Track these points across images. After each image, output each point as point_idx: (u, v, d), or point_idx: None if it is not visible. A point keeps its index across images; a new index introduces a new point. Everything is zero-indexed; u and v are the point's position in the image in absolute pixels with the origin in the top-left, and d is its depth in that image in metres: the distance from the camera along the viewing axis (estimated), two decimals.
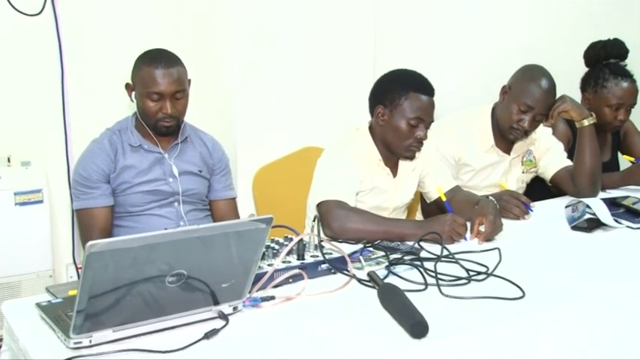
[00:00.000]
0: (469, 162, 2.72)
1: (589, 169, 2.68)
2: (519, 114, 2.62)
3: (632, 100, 2.99)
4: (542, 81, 2.61)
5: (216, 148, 2.47)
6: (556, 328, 1.59)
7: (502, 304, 1.71)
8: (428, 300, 1.69)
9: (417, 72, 2.37)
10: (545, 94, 2.60)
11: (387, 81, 2.37)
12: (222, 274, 1.53)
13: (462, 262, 1.96)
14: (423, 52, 3.16)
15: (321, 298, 1.73)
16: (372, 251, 2.03)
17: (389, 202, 2.46)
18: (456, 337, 1.52)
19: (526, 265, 1.98)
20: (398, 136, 2.30)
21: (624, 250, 2.18)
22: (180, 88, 2.25)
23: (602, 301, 1.74)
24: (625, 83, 2.96)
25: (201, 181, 2.41)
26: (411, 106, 2.26)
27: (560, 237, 2.28)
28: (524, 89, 2.62)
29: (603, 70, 3.01)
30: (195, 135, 2.44)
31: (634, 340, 1.52)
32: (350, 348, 1.48)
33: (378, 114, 2.33)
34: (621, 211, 2.49)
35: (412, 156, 2.38)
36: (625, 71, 3.00)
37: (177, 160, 2.35)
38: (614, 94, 2.95)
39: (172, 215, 2.35)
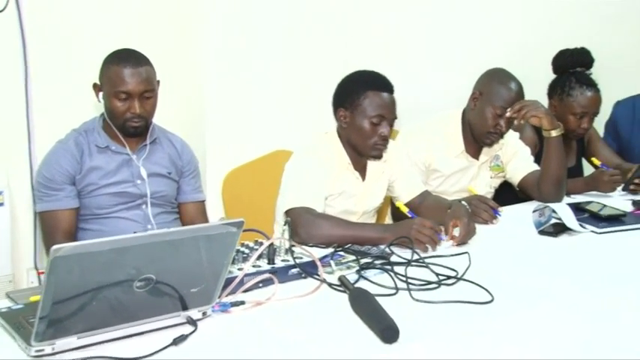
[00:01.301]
0: (439, 168, 2.72)
1: (555, 177, 2.70)
2: (496, 118, 2.64)
3: (596, 109, 3.03)
4: (513, 83, 2.66)
5: (186, 150, 2.43)
6: (525, 331, 1.59)
7: (472, 308, 1.71)
8: (398, 304, 1.69)
9: (374, 71, 2.37)
10: (517, 96, 2.64)
11: (345, 83, 2.36)
12: (191, 278, 1.50)
13: (432, 266, 1.96)
14: (394, 55, 3.14)
15: (291, 303, 1.71)
16: (343, 255, 2.01)
17: (358, 206, 2.44)
18: (426, 341, 1.52)
19: (495, 270, 1.98)
20: (362, 136, 2.29)
21: (589, 255, 2.20)
22: (149, 88, 2.21)
23: (569, 305, 1.75)
24: (590, 93, 3.00)
25: (170, 184, 2.37)
26: (370, 104, 2.26)
27: (528, 241, 2.29)
28: (497, 93, 2.65)
29: (570, 79, 3.05)
30: (164, 136, 2.40)
31: (601, 343, 1.53)
32: (321, 353, 1.46)
33: (340, 117, 2.33)
34: (586, 216, 2.52)
35: (379, 155, 2.36)
36: (590, 80, 3.05)
37: (145, 161, 2.30)
38: (579, 103, 2.99)
39: (140, 218, 2.30)
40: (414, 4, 3.18)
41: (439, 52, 3.26)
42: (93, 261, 1.29)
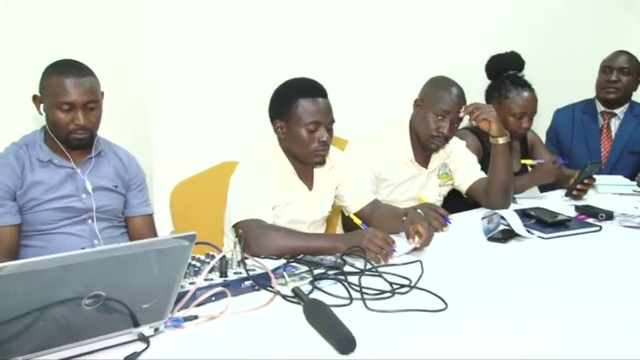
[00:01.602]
0: (388, 177, 2.73)
1: (502, 184, 2.73)
2: (437, 121, 2.67)
3: (534, 108, 3.10)
4: (452, 87, 2.70)
5: (132, 163, 2.37)
6: (479, 338, 1.60)
7: (426, 317, 1.71)
8: (353, 314, 1.67)
9: (304, 78, 2.36)
10: (457, 98, 2.68)
11: (277, 94, 2.35)
12: (142, 294, 1.45)
13: (385, 275, 1.95)
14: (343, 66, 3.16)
15: (245, 316, 1.68)
16: (296, 266, 2.00)
17: (306, 216, 2.43)
18: (382, 351, 1.51)
19: (447, 277, 1.99)
20: (301, 144, 2.28)
21: (537, 260, 2.22)
22: (93, 99, 2.15)
23: (521, 310, 1.77)
24: (526, 93, 3.07)
25: (117, 197, 2.31)
26: (304, 112, 2.25)
27: (478, 248, 2.31)
28: (437, 97, 2.68)
29: (504, 82, 3.11)
30: (110, 149, 2.34)
31: (552, 346, 1.55)
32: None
33: (277, 128, 2.31)
34: (532, 222, 2.55)
35: (322, 160, 2.34)
36: (524, 82, 3.12)
37: (90, 175, 2.24)
38: (517, 104, 3.05)
39: (86, 233, 2.23)
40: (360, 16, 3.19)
41: (386, 63, 3.28)
42: (38, 279, 1.25)
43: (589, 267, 2.15)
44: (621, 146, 3.54)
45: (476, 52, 3.23)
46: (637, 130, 3.54)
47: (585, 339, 1.60)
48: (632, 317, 1.73)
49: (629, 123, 3.56)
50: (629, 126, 3.56)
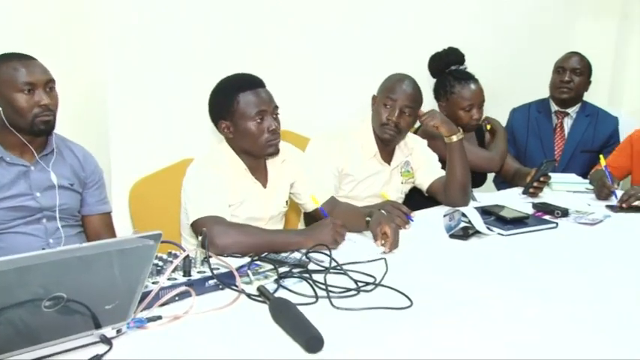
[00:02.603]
0: (351, 172, 2.73)
1: (460, 182, 2.75)
2: (386, 110, 2.68)
3: (481, 99, 3.12)
4: (400, 78, 2.73)
5: (89, 160, 2.29)
6: (444, 334, 1.61)
7: (392, 314, 1.71)
8: (319, 312, 1.67)
9: (237, 73, 2.33)
10: (404, 86, 2.69)
11: (215, 96, 2.31)
12: (105, 295, 1.41)
13: (350, 273, 1.94)
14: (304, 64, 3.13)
15: (210, 316, 1.65)
16: (260, 265, 1.97)
17: (263, 212, 2.39)
18: (350, 349, 1.51)
19: (411, 274, 1.99)
20: (252, 138, 2.25)
21: (497, 256, 2.24)
22: (51, 78, 2.08)
23: (483, 305, 1.79)
24: (471, 85, 3.09)
25: (73, 196, 2.22)
26: (247, 106, 2.22)
27: (440, 245, 2.32)
28: (385, 88, 2.72)
29: (448, 78, 3.14)
30: (65, 146, 2.25)
31: (514, 339, 1.58)
32: None
33: (224, 130, 2.28)
34: (492, 219, 2.56)
35: (275, 150, 2.31)
36: (467, 74, 3.14)
37: (45, 172, 2.15)
38: (463, 97, 3.07)
39: (40, 233, 2.15)
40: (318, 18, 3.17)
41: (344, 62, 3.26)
42: None
43: (547, 263, 2.20)
44: (574, 145, 3.60)
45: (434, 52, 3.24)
46: (588, 129, 3.61)
47: (544, 331, 1.64)
48: (588, 309, 1.77)
49: (581, 122, 3.62)
50: (581, 125, 3.62)
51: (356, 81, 3.01)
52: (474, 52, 3.24)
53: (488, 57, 3.45)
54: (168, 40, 2.77)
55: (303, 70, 3.04)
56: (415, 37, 3.44)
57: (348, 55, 3.26)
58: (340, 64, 3.23)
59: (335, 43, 3.22)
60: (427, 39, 3.36)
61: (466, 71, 3.16)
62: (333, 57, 3.22)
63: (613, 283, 1.99)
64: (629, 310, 1.76)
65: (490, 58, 3.46)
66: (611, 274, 2.08)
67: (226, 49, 2.89)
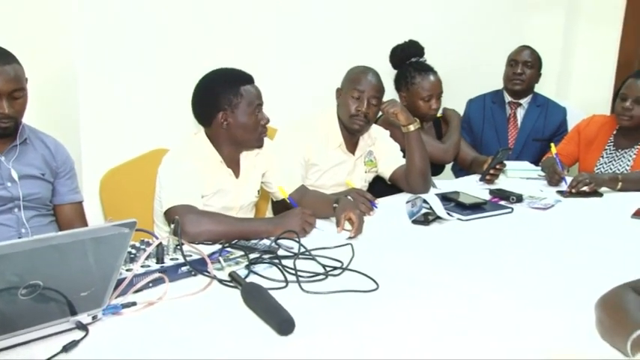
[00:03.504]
0: (317, 162, 2.72)
1: (419, 169, 2.77)
2: (354, 101, 2.68)
3: (439, 90, 3.15)
4: (364, 70, 2.74)
5: (60, 150, 2.24)
6: (409, 314, 1.63)
7: (359, 296, 1.72)
8: (289, 296, 1.67)
9: (232, 68, 2.32)
10: (369, 77, 2.71)
11: (213, 89, 2.27)
12: (81, 282, 1.39)
13: (318, 258, 1.95)
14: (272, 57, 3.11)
15: (183, 301, 1.64)
16: (231, 251, 1.96)
17: (235, 202, 2.38)
18: (319, 330, 1.51)
19: (376, 258, 2.00)
20: (248, 130, 2.25)
21: (458, 240, 2.27)
22: (18, 87, 2.00)
23: (444, 286, 1.81)
24: (430, 77, 3.13)
25: (45, 185, 2.17)
26: (247, 99, 2.23)
27: (403, 230, 2.34)
28: (351, 80, 2.72)
29: (409, 69, 3.16)
30: (36, 137, 2.19)
31: (474, 318, 1.61)
32: (218, 351, 1.41)
33: (219, 120, 2.24)
34: (452, 205, 2.59)
35: (262, 143, 2.34)
36: (427, 66, 3.17)
37: (15, 163, 2.09)
38: (423, 88, 3.10)
39: (12, 222, 2.09)
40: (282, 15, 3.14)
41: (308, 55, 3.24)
42: None
43: (503, 246, 2.21)
44: (526, 134, 3.64)
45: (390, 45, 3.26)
46: (539, 119, 3.65)
47: (501, 308, 1.67)
48: (541, 287, 1.81)
49: (533, 112, 3.67)
50: (532, 115, 3.67)
51: (319, 73, 3.01)
52: (433, 45, 3.27)
53: (446, 50, 3.47)
54: (139, 30, 2.71)
55: (268, 62, 3.02)
56: (376, 30, 3.44)
57: (311, 48, 3.25)
58: (303, 57, 3.22)
59: (298, 37, 3.20)
60: (388, 32, 3.37)
61: (426, 63, 3.18)
62: (297, 50, 3.21)
63: (563, 264, 2.03)
64: (578, 285, 1.79)
65: (448, 51, 3.48)
66: (561, 255, 2.12)
67: (194, 41, 2.85)
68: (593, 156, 3.25)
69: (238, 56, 2.77)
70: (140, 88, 2.72)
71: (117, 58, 2.65)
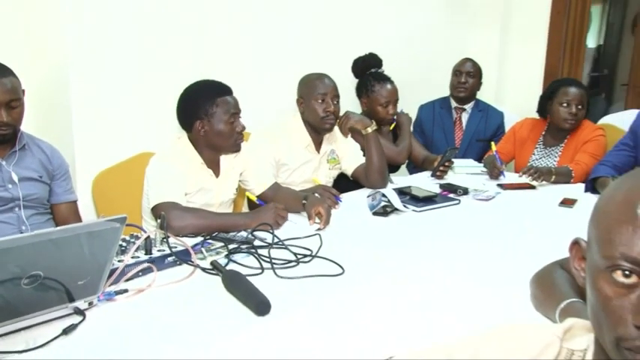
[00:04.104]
0: (287, 162, 2.71)
1: (377, 166, 2.78)
2: (320, 105, 2.67)
3: (396, 97, 3.16)
4: (318, 75, 2.73)
5: (55, 155, 2.21)
6: (371, 295, 1.65)
7: (327, 281, 1.74)
8: (265, 282, 1.67)
9: (211, 80, 2.31)
10: (326, 81, 2.71)
11: (193, 99, 2.26)
12: (77, 272, 1.39)
13: (290, 247, 1.95)
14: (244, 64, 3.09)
15: (170, 288, 1.64)
16: (212, 243, 1.96)
17: (215, 199, 2.36)
18: (292, 311, 1.53)
19: (342, 246, 2.00)
20: (224, 137, 2.23)
21: (413, 229, 2.27)
22: (15, 97, 1.97)
23: (402, 270, 1.83)
24: (388, 85, 3.12)
25: (42, 187, 2.14)
26: (223, 109, 2.20)
27: (365, 221, 2.34)
28: (312, 87, 2.69)
29: (369, 79, 3.15)
30: (33, 143, 2.16)
31: (429, 297, 1.63)
32: (203, 331, 1.41)
33: (197, 128, 2.23)
34: (407, 198, 2.59)
35: (240, 148, 2.32)
36: (385, 76, 3.17)
37: (15, 167, 2.06)
38: (382, 95, 3.10)
39: (13, 220, 2.06)
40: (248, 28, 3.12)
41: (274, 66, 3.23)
42: None
43: (452, 233, 2.23)
44: (470, 135, 3.66)
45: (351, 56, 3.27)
46: (481, 122, 3.68)
47: (451, 288, 1.70)
48: (485, 269, 1.83)
49: (475, 116, 3.69)
50: (475, 118, 3.69)
51: (289, 83, 2.99)
52: (390, 57, 3.28)
53: (401, 62, 3.49)
54: (128, 42, 2.66)
55: (243, 73, 3.00)
56: (340, 44, 3.44)
57: (282, 61, 3.24)
58: (275, 69, 3.20)
59: (271, 52, 3.19)
60: (350, 45, 3.37)
61: (384, 74, 3.18)
62: (270, 63, 3.19)
63: (504, 247, 2.06)
64: (516, 265, 1.81)
65: (403, 63, 3.50)
66: (502, 239, 2.15)
67: (178, 53, 2.82)
68: (527, 153, 3.29)
69: (218, 68, 2.73)
70: (128, 96, 2.68)
71: (106, 69, 2.61)
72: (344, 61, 3.21)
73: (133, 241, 1.78)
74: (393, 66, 3.28)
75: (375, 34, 3.61)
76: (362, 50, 3.24)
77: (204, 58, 2.87)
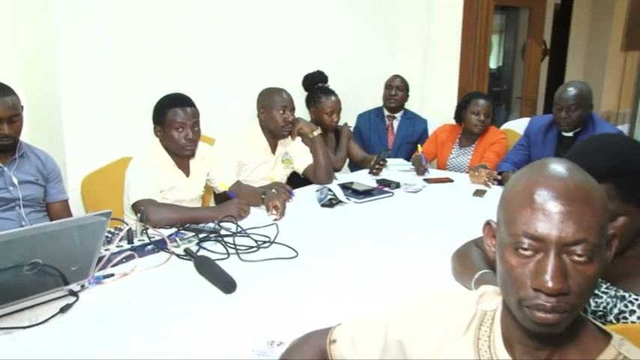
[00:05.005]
0: (247, 162, 2.71)
1: (323, 165, 2.79)
2: (281, 115, 2.68)
3: (339, 107, 3.16)
4: (277, 89, 2.73)
5: (49, 161, 2.18)
6: (322, 274, 1.66)
7: (283, 263, 1.75)
8: (231, 265, 1.68)
9: (177, 93, 2.28)
10: (284, 95, 2.71)
11: (155, 108, 2.25)
12: (71, 259, 1.39)
13: (252, 235, 1.96)
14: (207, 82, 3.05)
15: (150, 272, 1.64)
16: (185, 233, 1.96)
17: (186, 195, 2.35)
18: (254, 288, 1.54)
19: (295, 234, 2.01)
20: (173, 142, 2.20)
21: (355, 218, 2.28)
22: (15, 113, 1.96)
23: (347, 253, 1.85)
24: (332, 97, 3.13)
25: (38, 188, 2.12)
26: (172, 118, 2.18)
27: (314, 212, 2.34)
28: (273, 100, 2.69)
29: (316, 92, 3.15)
30: (30, 151, 2.14)
31: (372, 275, 1.65)
32: (179, 308, 1.42)
33: (157, 132, 2.23)
34: (349, 192, 2.60)
35: (190, 153, 2.27)
36: (330, 90, 3.17)
37: (15, 171, 2.04)
38: (327, 106, 3.10)
39: (14, 217, 2.04)
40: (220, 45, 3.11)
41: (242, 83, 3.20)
42: None
43: (388, 220, 2.25)
44: (400, 138, 3.67)
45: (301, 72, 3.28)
46: (409, 128, 3.68)
47: (389, 266, 1.72)
48: (416, 249, 1.86)
49: (404, 123, 3.71)
50: (404, 125, 3.70)
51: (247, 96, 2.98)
52: (334, 74, 3.30)
53: (343, 78, 3.48)
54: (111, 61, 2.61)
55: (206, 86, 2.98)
56: (292, 62, 3.42)
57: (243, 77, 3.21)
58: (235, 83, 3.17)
59: (231, 67, 3.17)
60: (300, 63, 3.36)
61: (329, 87, 3.19)
62: (230, 77, 3.16)
63: (431, 230, 2.10)
64: (441, 244, 1.81)
65: (345, 79, 3.50)
66: (429, 224, 2.19)
67: (155, 69, 2.77)
68: (446, 153, 3.36)
69: (188, 82, 2.69)
70: (110, 108, 2.63)
71: (91, 85, 2.55)
72: (295, 77, 3.22)
73: (117, 232, 1.79)
74: (337, 81, 3.30)
75: (322, 54, 3.62)
76: (311, 67, 3.26)
77: (176, 75, 2.83)
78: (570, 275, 0.76)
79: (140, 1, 2.69)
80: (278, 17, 3.38)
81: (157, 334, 1.29)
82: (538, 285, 0.76)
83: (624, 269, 1.23)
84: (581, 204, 0.77)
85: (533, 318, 0.77)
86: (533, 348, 0.83)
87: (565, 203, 0.76)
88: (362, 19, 3.96)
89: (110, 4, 2.58)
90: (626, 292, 1.23)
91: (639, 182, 1.18)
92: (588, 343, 0.83)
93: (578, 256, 0.76)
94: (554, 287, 0.74)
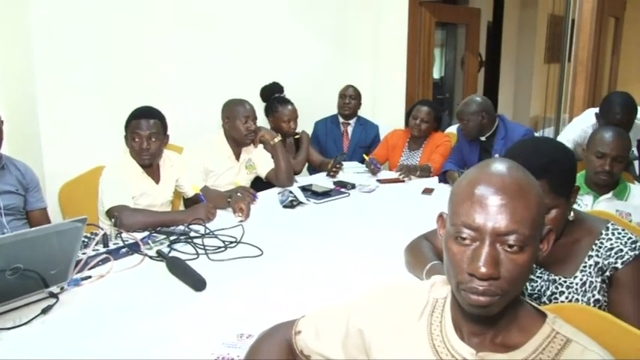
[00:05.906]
0: (214, 169, 2.70)
1: (284, 169, 2.81)
2: (244, 125, 2.68)
3: (296, 115, 3.15)
4: (240, 100, 2.74)
5: (28, 171, 2.15)
6: (285, 271, 1.68)
7: (249, 261, 1.76)
8: (201, 264, 1.69)
9: (146, 105, 2.27)
10: (247, 106, 2.72)
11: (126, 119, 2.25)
12: (50, 263, 1.39)
13: (219, 236, 1.96)
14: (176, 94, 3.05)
15: (125, 274, 1.64)
16: (157, 235, 1.96)
17: (157, 201, 2.34)
18: (223, 286, 1.55)
19: (260, 234, 2.01)
20: (133, 150, 2.21)
21: (314, 217, 2.29)
22: None
23: (307, 250, 1.87)
24: (289, 106, 3.12)
25: (19, 198, 2.09)
26: (132, 128, 2.19)
27: (277, 213, 2.35)
28: (237, 111, 2.69)
29: (274, 102, 3.15)
30: (10, 162, 2.10)
31: (331, 271, 1.67)
32: (154, 305, 1.43)
33: (125, 142, 2.24)
34: (309, 193, 2.61)
35: (147, 163, 2.25)
36: (286, 99, 3.17)
37: None
38: (284, 114, 3.09)
39: None
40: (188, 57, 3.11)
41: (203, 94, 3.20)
42: None
43: (345, 218, 2.27)
44: (355, 143, 3.72)
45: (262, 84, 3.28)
46: (362, 133, 3.73)
47: (347, 261, 1.74)
48: (372, 244, 1.90)
49: (358, 129, 3.75)
50: (357, 131, 3.75)
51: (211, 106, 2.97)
52: (290, 84, 3.31)
53: (299, 88, 3.50)
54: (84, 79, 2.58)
55: (174, 99, 2.97)
56: (250, 74, 3.42)
57: (206, 88, 3.21)
58: (200, 95, 3.17)
59: (196, 80, 3.16)
60: (258, 75, 3.36)
61: (285, 97, 3.19)
62: (195, 90, 3.16)
63: (384, 226, 2.13)
64: (394, 239, 1.84)
65: (300, 89, 3.52)
66: (383, 221, 2.22)
67: (123, 85, 2.74)
68: (397, 155, 3.42)
69: (157, 96, 2.69)
70: (85, 122, 2.60)
71: (67, 100, 2.52)
72: (256, 88, 3.22)
73: (93, 237, 1.78)
74: (294, 92, 3.31)
75: (278, 66, 3.62)
76: (267, 79, 3.25)
77: (147, 88, 2.80)
78: (502, 263, 0.79)
79: (114, 17, 2.67)
80: (239, 33, 3.39)
81: (134, 331, 1.29)
82: (472, 270, 0.79)
83: (555, 256, 1.31)
84: (515, 198, 0.79)
85: (468, 300, 0.81)
86: (478, 330, 0.86)
87: (501, 197, 0.79)
88: (317, 34, 3.99)
89: (84, 20, 2.55)
90: (556, 276, 1.32)
91: (567, 178, 1.27)
92: (527, 323, 0.86)
93: (509, 246, 0.79)
94: (485, 272, 0.78)
